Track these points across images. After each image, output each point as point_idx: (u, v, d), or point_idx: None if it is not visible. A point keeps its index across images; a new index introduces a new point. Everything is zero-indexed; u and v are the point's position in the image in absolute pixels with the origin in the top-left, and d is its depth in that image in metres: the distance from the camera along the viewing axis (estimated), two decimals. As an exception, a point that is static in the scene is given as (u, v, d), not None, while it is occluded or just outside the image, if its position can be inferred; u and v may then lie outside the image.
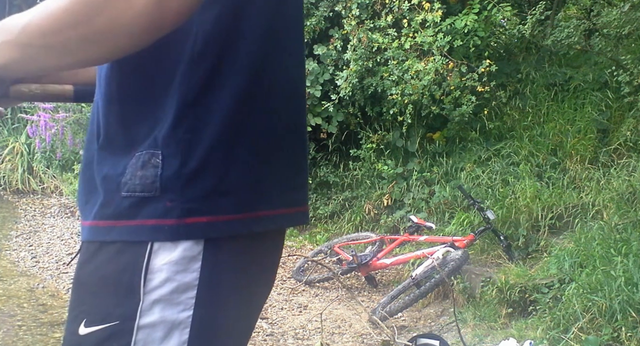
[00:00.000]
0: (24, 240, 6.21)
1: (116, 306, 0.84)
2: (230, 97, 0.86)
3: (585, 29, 5.97)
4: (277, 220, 0.95)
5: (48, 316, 4.31)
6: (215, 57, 0.85)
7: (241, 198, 0.88)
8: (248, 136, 0.88)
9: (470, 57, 5.64)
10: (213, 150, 0.85)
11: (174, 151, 0.84)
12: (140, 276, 0.83)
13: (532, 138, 5.27)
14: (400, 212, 5.46)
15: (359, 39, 5.59)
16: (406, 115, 5.44)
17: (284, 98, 0.95)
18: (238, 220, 0.88)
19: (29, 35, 0.78)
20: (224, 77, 0.86)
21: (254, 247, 0.93)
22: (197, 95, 0.85)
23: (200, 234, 0.84)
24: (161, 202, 0.83)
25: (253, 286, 0.96)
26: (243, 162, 0.87)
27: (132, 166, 0.85)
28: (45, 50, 0.78)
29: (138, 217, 0.84)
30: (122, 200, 0.85)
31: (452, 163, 5.52)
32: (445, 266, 4.06)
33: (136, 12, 0.73)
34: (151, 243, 0.84)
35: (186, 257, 0.84)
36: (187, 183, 0.84)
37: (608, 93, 5.22)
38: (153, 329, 0.84)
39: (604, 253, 3.63)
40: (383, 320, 4.01)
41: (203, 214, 0.85)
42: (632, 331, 3.06)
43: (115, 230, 0.85)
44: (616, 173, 4.57)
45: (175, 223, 0.83)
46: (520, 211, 4.63)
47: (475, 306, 4.09)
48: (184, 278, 0.84)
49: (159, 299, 0.84)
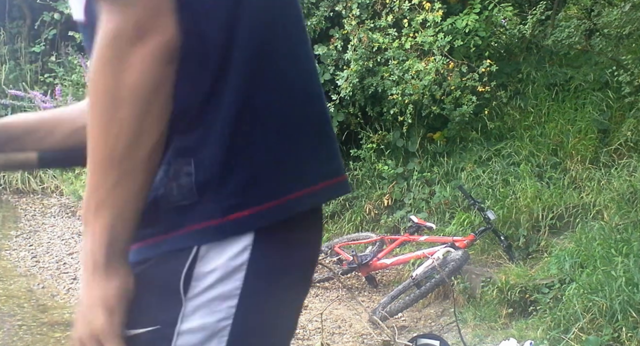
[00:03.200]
0: (24, 239, 6.21)
1: (159, 311, 0.85)
2: (239, 87, 0.85)
3: (586, 29, 5.96)
4: (319, 195, 0.95)
5: (48, 316, 4.31)
6: (221, 57, 0.85)
7: (277, 183, 0.88)
8: (266, 120, 0.87)
9: (470, 57, 5.63)
10: (235, 143, 0.85)
11: (202, 154, 0.84)
12: (184, 282, 0.84)
13: (533, 138, 5.27)
14: (400, 212, 5.45)
15: (360, 39, 5.59)
16: (406, 115, 5.43)
17: (294, 73, 0.94)
18: (280, 205, 0.87)
19: (106, 201, 0.79)
20: (232, 70, 0.85)
21: (297, 240, 0.93)
22: (208, 96, 0.84)
23: (246, 227, 0.85)
24: (202, 205, 0.84)
25: (294, 288, 0.97)
26: (268, 148, 0.87)
27: (162, 180, 0.85)
28: (123, 187, 0.79)
29: (185, 225, 0.84)
30: (164, 214, 0.85)
31: (453, 163, 5.52)
32: (445, 266, 4.06)
33: (136, 86, 0.75)
34: (197, 248, 0.84)
35: (230, 265, 0.85)
36: (222, 182, 0.84)
37: (609, 93, 5.21)
38: (193, 335, 0.85)
39: (605, 253, 3.63)
40: (383, 320, 4.01)
41: (244, 207, 0.85)
42: (633, 332, 3.06)
43: (166, 243, 0.86)
44: (617, 174, 4.57)
45: (219, 222, 0.84)
46: (520, 211, 4.63)
47: (476, 306, 4.09)
48: (227, 286, 0.85)
49: (200, 305, 0.84)
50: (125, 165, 0.77)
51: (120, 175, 0.78)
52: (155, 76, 0.77)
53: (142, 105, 0.76)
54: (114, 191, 0.78)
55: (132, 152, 0.77)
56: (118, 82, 0.76)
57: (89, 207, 0.80)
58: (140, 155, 0.78)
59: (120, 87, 0.76)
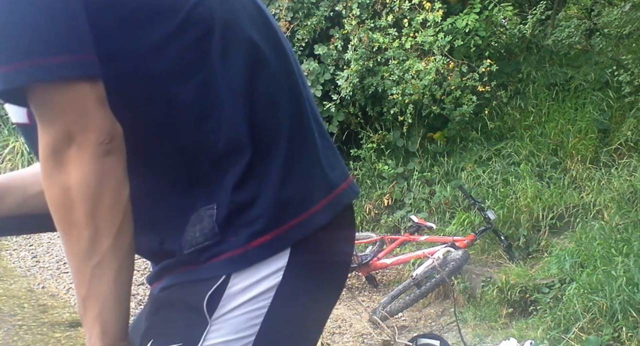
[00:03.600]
0: (24, 239, 6.21)
1: (183, 329, 0.88)
2: (232, 121, 0.89)
3: (586, 29, 5.96)
4: (334, 204, 0.98)
5: (48, 316, 4.31)
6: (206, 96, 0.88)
7: (293, 203, 0.91)
8: (274, 152, 0.91)
9: (471, 57, 5.63)
10: (245, 176, 0.88)
11: (221, 197, 0.88)
12: (211, 303, 0.87)
13: (533, 138, 5.27)
14: (400, 212, 5.45)
15: (360, 39, 5.59)
16: (407, 115, 5.43)
17: (284, 94, 0.96)
18: (300, 223, 0.91)
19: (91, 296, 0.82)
20: (222, 105, 0.89)
21: (329, 253, 0.96)
22: (225, 151, 0.89)
23: (271, 251, 0.88)
24: (225, 239, 0.88)
25: (324, 302, 1.00)
26: (279, 175, 0.90)
27: (187, 228, 0.89)
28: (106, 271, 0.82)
29: (210, 259, 0.88)
30: (189, 256, 0.89)
31: (453, 163, 5.51)
32: (445, 266, 4.05)
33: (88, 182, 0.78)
34: (225, 275, 0.88)
35: (259, 287, 0.88)
36: (240, 214, 0.88)
37: (609, 93, 5.21)
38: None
39: (605, 253, 3.63)
40: (383, 320, 4.01)
41: (265, 233, 0.88)
42: (633, 332, 3.06)
43: (193, 272, 0.89)
44: (617, 173, 4.57)
45: (242, 251, 0.87)
46: (520, 211, 4.63)
47: (476, 306, 4.08)
48: (254, 307, 0.88)
49: (225, 325, 0.87)
50: (94, 260, 0.80)
51: (93, 270, 0.81)
52: (95, 171, 0.79)
53: (91, 202, 0.79)
54: (92, 286, 0.81)
55: (96, 246, 0.80)
56: (63, 188, 0.79)
57: (79, 304, 0.84)
58: (105, 247, 0.80)
59: (66, 191, 0.79)
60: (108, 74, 0.81)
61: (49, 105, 0.78)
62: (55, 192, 0.80)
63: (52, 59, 0.76)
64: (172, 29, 0.84)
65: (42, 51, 0.76)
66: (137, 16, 0.82)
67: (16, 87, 0.77)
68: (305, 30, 5.82)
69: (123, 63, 0.83)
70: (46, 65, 0.75)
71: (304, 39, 5.83)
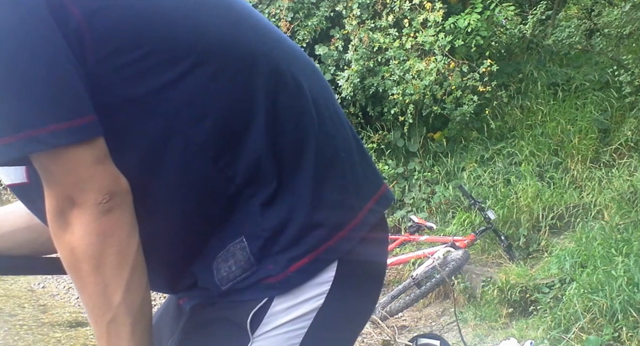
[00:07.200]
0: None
1: (226, 344, 0.91)
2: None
3: (587, 29, 5.95)
4: (369, 217, 0.97)
5: (49, 316, 4.32)
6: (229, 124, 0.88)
7: (326, 224, 0.91)
8: (287, 171, 0.91)
9: (471, 57, 5.63)
10: (273, 203, 0.89)
11: (249, 228, 0.89)
12: (254, 321, 0.89)
13: (534, 138, 5.27)
14: (401, 211, 5.45)
15: (360, 39, 5.59)
16: (407, 115, 5.43)
17: (306, 114, 0.95)
18: (338, 241, 0.92)
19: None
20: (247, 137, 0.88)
21: (364, 272, 0.97)
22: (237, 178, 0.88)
23: (311, 273, 0.89)
24: (262, 268, 0.89)
25: (361, 319, 1.02)
26: (304, 193, 0.90)
27: (218, 266, 0.90)
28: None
29: (250, 287, 0.89)
30: (227, 291, 0.90)
31: (454, 163, 5.51)
32: (445, 266, 4.05)
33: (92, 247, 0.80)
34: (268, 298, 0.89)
35: (302, 308, 0.90)
36: (273, 242, 0.88)
37: (609, 93, 5.22)
38: None
39: (605, 253, 3.63)
40: (383, 319, 4.01)
41: (303, 256, 0.89)
42: (633, 331, 3.06)
43: (236, 294, 0.90)
44: (617, 173, 4.57)
45: (283, 277, 0.88)
46: (521, 211, 4.63)
47: (476, 306, 4.09)
48: (295, 326, 0.90)
49: (265, 343, 0.89)
50: (107, 315, 0.83)
51: (109, 325, 0.83)
52: (96, 231, 0.80)
53: (95, 260, 0.81)
54: (110, 341, 0.83)
55: (107, 301, 0.82)
56: (69, 249, 0.81)
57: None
58: (116, 303, 0.82)
59: (72, 252, 0.81)
60: (116, 123, 0.81)
61: (47, 171, 0.80)
62: (63, 253, 0.82)
63: (43, 130, 0.76)
64: (181, 70, 0.84)
65: (33, 123, 0.76)
66: (147, 61, 0.83)
67: (11, 160, 0.80)
68: (306, 30, 5.82)
69: (130, 109, 0.83)
70: (38, 136, 0.76)
71: (305, 39, 5.84)
